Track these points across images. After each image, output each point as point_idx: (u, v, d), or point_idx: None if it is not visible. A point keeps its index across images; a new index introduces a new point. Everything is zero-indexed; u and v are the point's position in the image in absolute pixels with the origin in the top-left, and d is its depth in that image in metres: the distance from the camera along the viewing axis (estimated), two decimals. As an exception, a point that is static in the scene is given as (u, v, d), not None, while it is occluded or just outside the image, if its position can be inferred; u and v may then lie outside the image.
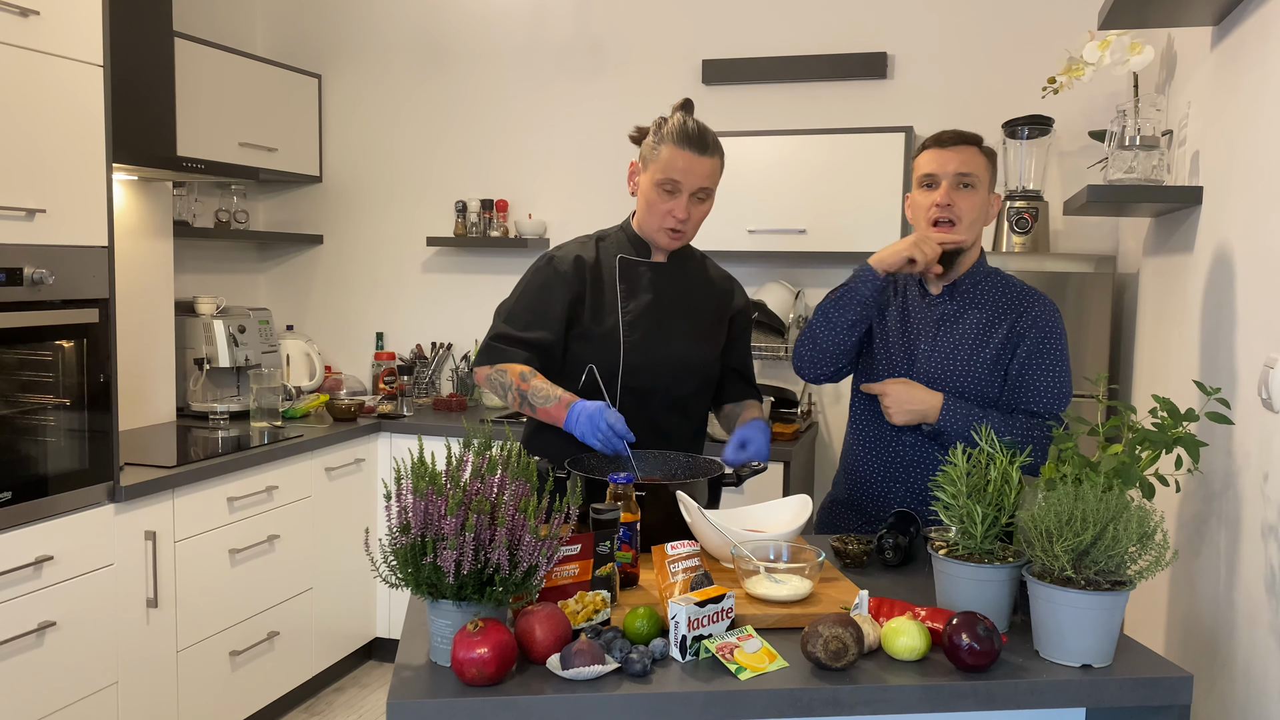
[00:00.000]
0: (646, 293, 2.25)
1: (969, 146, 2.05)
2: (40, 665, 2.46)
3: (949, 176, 2.03)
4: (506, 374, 2.17)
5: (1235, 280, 1.96)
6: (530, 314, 2.22)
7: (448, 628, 1.41)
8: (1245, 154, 1.94)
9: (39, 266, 2.45)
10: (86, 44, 2.56)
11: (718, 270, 2.39)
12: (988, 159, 2.07)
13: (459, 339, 4.27)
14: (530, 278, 2.26)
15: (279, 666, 3.34)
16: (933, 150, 2.07)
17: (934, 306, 2.13)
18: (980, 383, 2.07)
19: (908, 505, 2.10)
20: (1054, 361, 2.05)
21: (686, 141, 2.13)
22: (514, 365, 2.17)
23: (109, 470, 2.66)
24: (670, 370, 2.22)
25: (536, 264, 2.27)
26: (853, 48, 3.71)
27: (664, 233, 2.20)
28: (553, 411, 2.09)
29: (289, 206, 4.43)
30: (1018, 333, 2.07)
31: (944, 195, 2.04)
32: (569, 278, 2.22)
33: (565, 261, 2.24)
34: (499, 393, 2.19)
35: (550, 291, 2.22)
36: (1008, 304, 2.10)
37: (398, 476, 1.43)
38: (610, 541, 1.59)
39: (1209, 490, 2.04)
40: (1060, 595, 1.44)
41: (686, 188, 2.14)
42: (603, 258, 2.26)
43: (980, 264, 2.14)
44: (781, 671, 1.41)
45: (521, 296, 2.25)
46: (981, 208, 2.06)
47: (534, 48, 4.09)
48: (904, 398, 2.04)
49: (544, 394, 2.11)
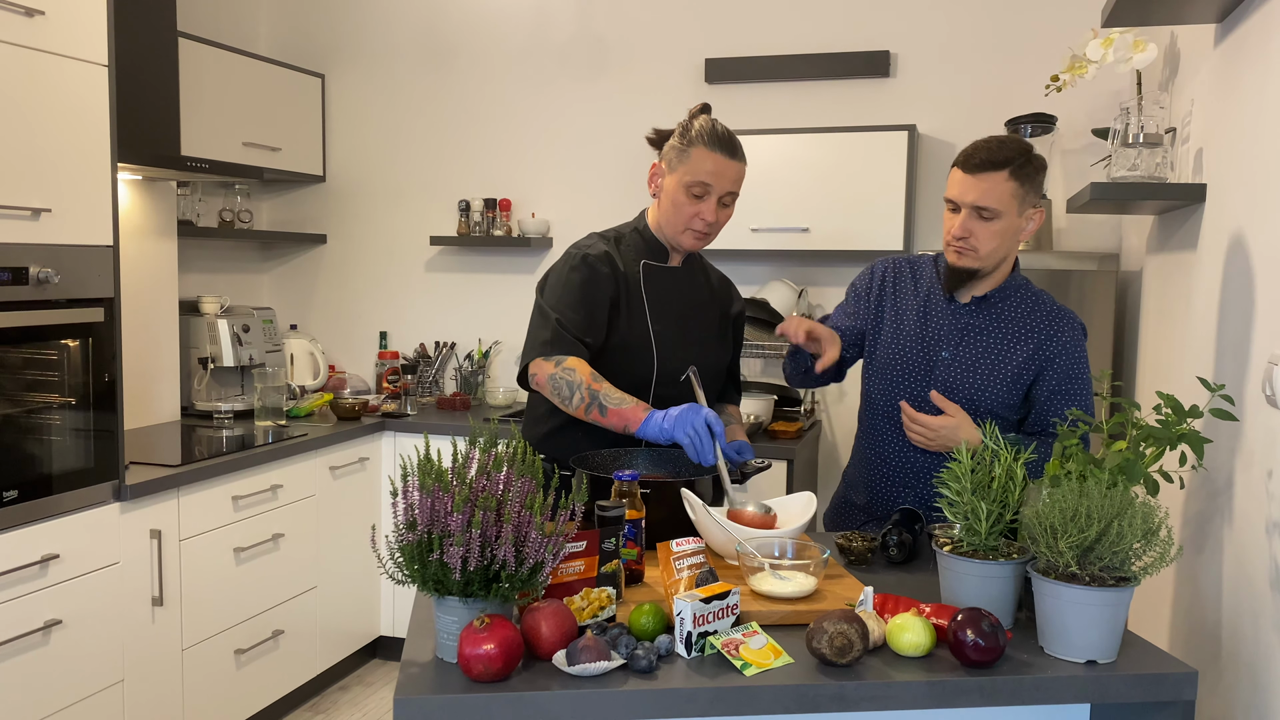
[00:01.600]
0: (671, 299, 2.20)
1: (995, 173, 1.93)
2: (46, 663, 2.47)
3: (968, 207, 1.97)
4: (575, 372, 2.02)
5: (1239, 277, 1.96)
6: (575, 312, 2.09)
7: (454, 624, 1.42)
8: (1249, 151, 1.94)
9: (44, 266, 2.46)
10: (91, 44, 2.57)
11: (716, 273, 2.37)
12: (1020, 181, 1.94)
13: (462, 338, 4.27)
14: (569, 276, 2.13)
15: (284, 665, 3.34)
16: (959, 172, 1.98)
17: (960, 315, 2.09)
18: (998, 396, 2.05)
19: (922, 508, 2.10)
20: (1081, 386, 2.04)
21: (718, 144, 2.08)
22: (582, 364, 2.04)
23: (114, 469, 2.67)
24: None
25: (572, 262, 2.15)
26: (856, 46, 3.71)
27: (689, 234, 2.14)
28: (627, 414, 1.96)
29: (293, 206, 4.43)
30: (1046, 355, 2.04)
31: (961, 227, 1.98)
32: (608, 278, 2.13)
33: (603, 261, 2.14)
34: (562, 392, 2.03)
35: (596, 290, 2.12)
36: (1036, 322, 2.06)
37: (404, 473, 1.44)
38: (615, 538, 1.60)
39: (1213, 487, 2.04)
40: (1065, 591, 1.45)
41: (716, 191, 2.09)
42: (625, 261, 2.19)
43: (1013, 278, 2.09)
44: (787, 668, 1.42)
45: (566, 294, 2.12)
46: (1004, 234, 1.97)
47: (537, 47, 4.09)
48: (956, 434, 1.97)
49: (618, 397, 1.98)
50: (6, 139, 2.36)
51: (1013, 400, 2.06)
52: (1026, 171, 1.96)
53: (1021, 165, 1.95)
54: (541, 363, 2.07)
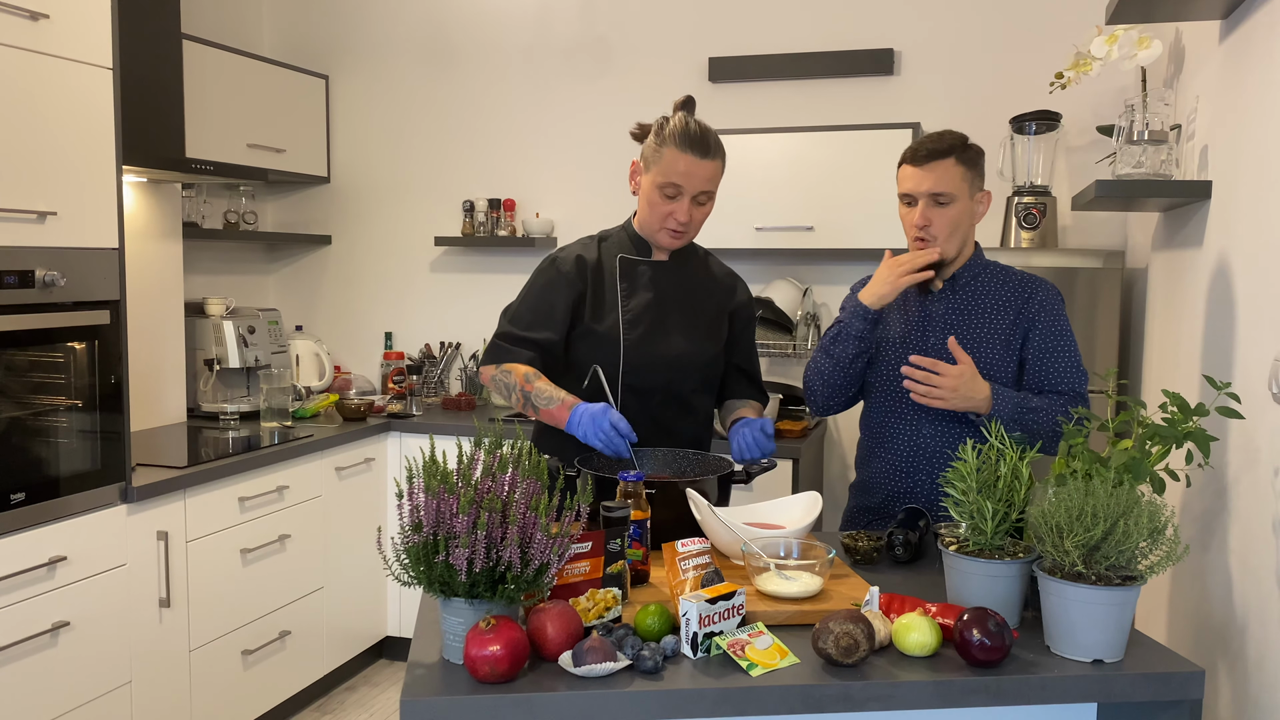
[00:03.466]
0: (647, 291, 2.25)
1: (943, 160, 2.05)
2: (54, 665, 2.48)
3: (924, 196, 2.06)
4: (511, 375, 2.17)
5: (1245, 274, 1.95)
6: (534, 314, 2.22)
7: (460, 625, 1.42)
8: (1254, 148, 1.94)
9: (50, 268, 2.47)
10: (96, 47, 2.57)
11: (721, 267, 2.38)
12: (966, 166, 2.07)
13: (467, 338, 4.28)
14: (534, 279, 2.27)
15: (290, 665, 3.35)
16: (908, 168, 2.09)
17: (938, 301, 2.16)
18: (993, 369, 2.09)
19: (929, 499, 2.11)
20: (1069, 342, 2.10)
21: (689, 144, 2.11)
22: (519, 366, 2.17)
23: (121, 471, 2.67)
24: (670, 367, 2.22)
25: (540, 265, 2.28)
26: (860, 44, 3.71)
27: (665, 232, 2.19)
28: (555, 413, 2.09)
29: (297, 207, 4.44)
30: (1027, 318, 2.11)
31: (921, 216, 2.07)
32: (571, 278, 2.22)
33: (567, 262, 2.24)
34: (503, 393, 2.20)
35: (554, 291, 2.22)
36: (1010, 291, 2.14)
37: (409, 475, 1.44)
38: (621, 539, 1.60)
39: (1219, 485, 2.03)
40: (1071, 590, 1.44)
41: (688, 191, 2.13)
42: (604, 257, 2.26)
43: (976, 257, 2.17)
44: (793, 668, 1.42)
45: (525, 297, 2.26)
46: (960, 218, 2.08)
47: (540, 47, 4.09)
48: (963, 384, 1.99)
49: (547, 395, 2.11)
50: (12, 142, 2.37)
51: (1008, 372, 2.10)
52: (969, 156, 2.08)
53: (964, 150, 2.08)
54: (485, 367, 2.25)
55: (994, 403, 1.99)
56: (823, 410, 2.25)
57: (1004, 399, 2.00)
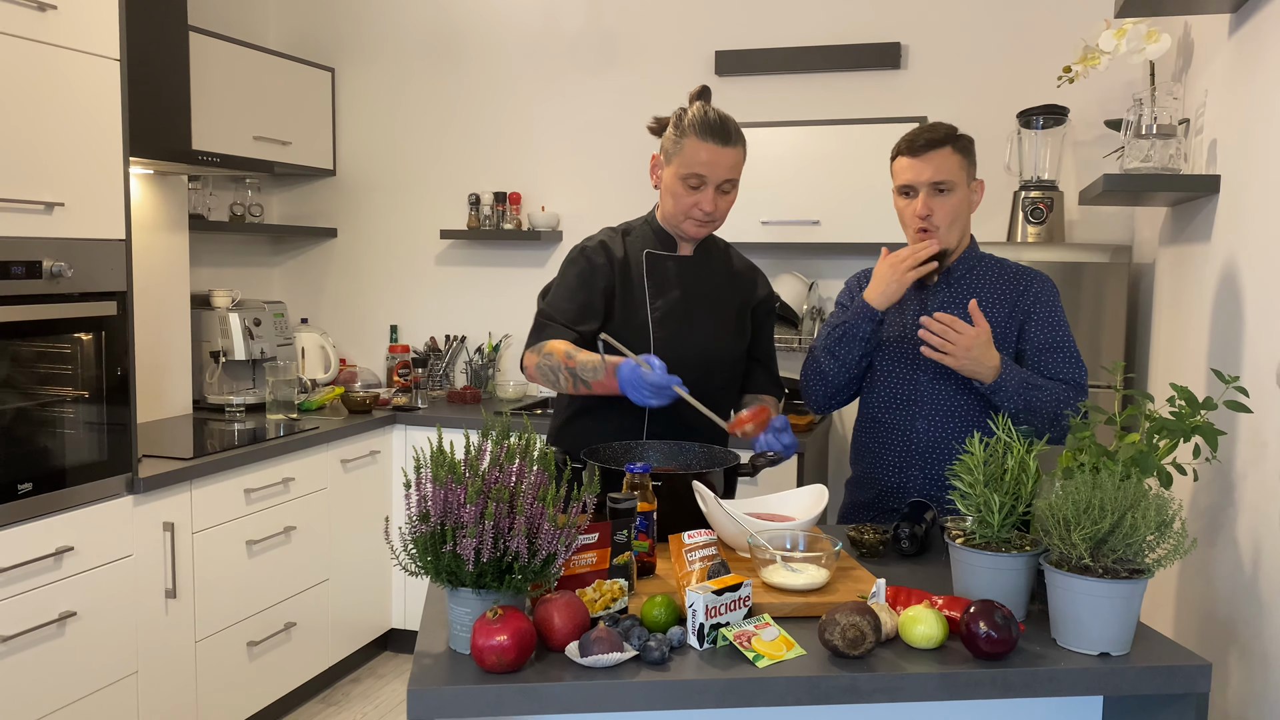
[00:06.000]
0: (674, 288, 2.23)
1: (941, 149, 2.05)
2: (61, 655, 2.49)
3: (925, 186, 2.05)
4: (553, 355, 2.10)
5: (1253, 269, 1.95)
6: (570, 303, 2.18)
7: (467, 615, 1.42)
8: (1263, 142, 1.93)
9: (57, 260, 2.47)
10: (103, 38, 2.58)
11: (742, 260, 2.36)
12: (962, 155, 2.07)
13: (473, 331, 4.28)
14: (565, 269, 2.24)
15: (296, 657, 3.36)
16: (906, 159, 2.09)
17: (934, 295, 2.15)
18: None
19: (924, 493, 2.11)
20: (1065, 334, 2.10)
21: (709, 133, 2.09)
22: (557, 344, 2.11)
23: (127, 462, 2.68)
24: (699, 365, 2.19)
25: (570, 256, 2.25)
26: (866, 38, 3.70)
27: (691, 223, 2.17)
28: (605, 381, 2.02)
29: (303, 200, 4.44)
30: (1023, 309, 2.10)
31: (923, 206, 2.06)
32: (604, 269, 2.20)
33: (599, 253, 2.22)
34: (549, 379, 2.12)
35: (590, 281, 2.19)
36: (1005, 284, 2.14)
37: (417, 465, 1.44)
38: (628, 530, 1.60)
39: (1226, 479, 2.03)
40: (1078, 583, 1.44)
41: (712, 180, 2.12)
42: (630, 252, 2.24)
43: (971, 249, 2.17)
44: (799, 659, 1.42)
45: (560, 288, 2.22)
46: (960, 206, 2.08)
47: (546, 40, 4.09)
48: (976, 346, 1.96)
49: (592, 366, 2.04)
50: (19, 133, 2.37)
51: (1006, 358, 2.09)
52: (963, 144, 2.08)
53: (958, 139, 2.08)
54: (529, 354, 2.17)
55: (1001, 372, 1.98)
56: (822, 410, 2.25)
57: (1011, 370, 2.00)
